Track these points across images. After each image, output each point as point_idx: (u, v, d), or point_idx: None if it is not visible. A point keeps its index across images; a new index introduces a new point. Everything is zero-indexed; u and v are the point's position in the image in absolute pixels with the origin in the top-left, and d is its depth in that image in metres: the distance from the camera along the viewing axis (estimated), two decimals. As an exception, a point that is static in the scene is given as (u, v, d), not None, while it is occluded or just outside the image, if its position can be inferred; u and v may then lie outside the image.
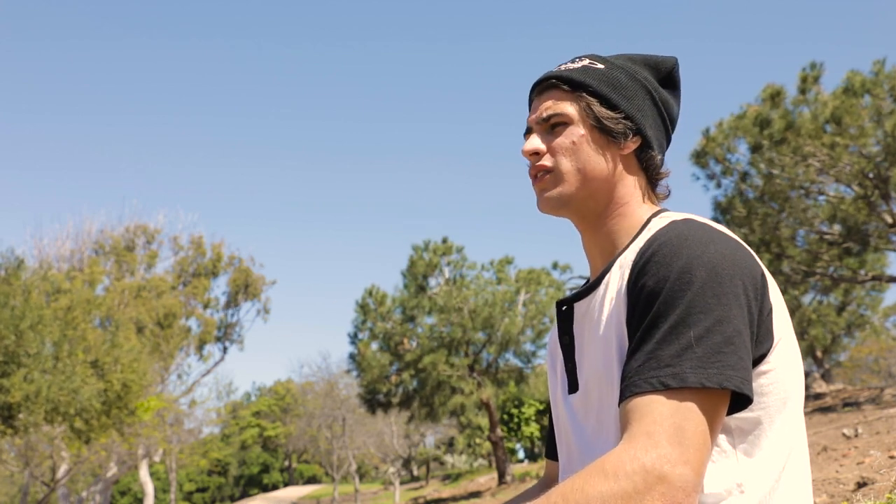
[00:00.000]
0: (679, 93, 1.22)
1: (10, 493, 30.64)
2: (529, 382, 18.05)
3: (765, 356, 0.99)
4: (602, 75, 1.14)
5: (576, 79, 1.14)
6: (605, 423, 1.06)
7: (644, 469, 0.86)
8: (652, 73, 1.18)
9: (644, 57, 1.19)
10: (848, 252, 12.89)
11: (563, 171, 1.13)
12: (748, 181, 12.41)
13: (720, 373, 0.90)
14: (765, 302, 0.99)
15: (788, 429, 1.01)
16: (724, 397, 0.93)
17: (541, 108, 1.16)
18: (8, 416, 10.52)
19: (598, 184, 1.13)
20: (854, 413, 10.50)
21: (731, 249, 0.98)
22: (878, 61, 10.86)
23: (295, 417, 42.69)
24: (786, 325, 1.03)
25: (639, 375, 0.93)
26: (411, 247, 18.20)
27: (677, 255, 0.96)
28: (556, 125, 1.15)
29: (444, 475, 32.44)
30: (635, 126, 1.13)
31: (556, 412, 1.22)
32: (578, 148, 1.12)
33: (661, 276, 0.96)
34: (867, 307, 20.87)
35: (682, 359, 0.91)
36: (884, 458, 5.13)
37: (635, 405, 0.92)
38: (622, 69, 1.16)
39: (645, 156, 1.15)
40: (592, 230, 1.16)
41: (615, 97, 1.13)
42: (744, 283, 0.96)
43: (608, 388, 1.04)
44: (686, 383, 0.90)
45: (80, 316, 11.81)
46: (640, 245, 1.04)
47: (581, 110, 1.13)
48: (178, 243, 25.95)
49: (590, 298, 1.12)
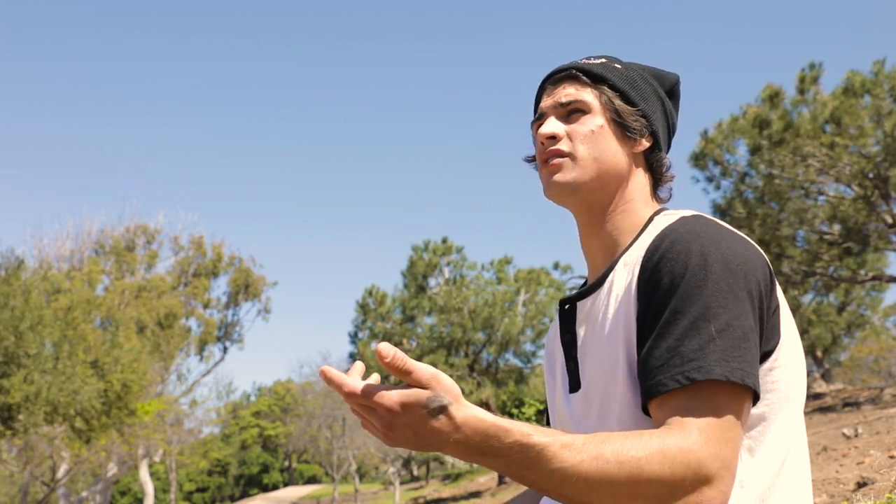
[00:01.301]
0: (678, 107, 1.25)
1: (10, 493, 30.63)
2: (529, 382, 18.05)
3: (771, 353, 0.99)
4: (621, 73, 1.16)
5: (597, 72, 1.15)
6: (606, 421, 1.05)
7: (699, 464, 0.87)
8: (658, 83, 1.21)
9: (651, 69, 1.22)
10: (848, 252, 12.89)
11: (580, 156, 1.12)
12: (747, 182, 12.40)
13: (741, 368, 0.91)
14: (773, 299, 1.01)
15: (790, 426, 1.02)
16: (747, 395, 0.94)
17: (560, 93, 1.16)
18: (8, 417, 10.52)
19: (610, 176, 1.13)
20: (854, 413, 10.50)
21: (742, 246, 1.00)
22: (878, 61, 10.86)
23: (295, 417, 42.67)
24: (790, 323, 1.04)
25: (664, 373, 0.93)
26: (411, 247, 18.24)
27: (691, 251, 0.97)
28: (573, 111, 1.14)
29: (444, 475, 32.44)
30: (650, 126, 1.15)
31: (556, 413, 1.21)
32: (597, 137, 1.12)
33: (677, 273, 0.96)
34: (867, 307, 20.86)
35: (705, 352, 0.92)
36: (884, 458, 5.13)
37: (670, 402, 0.92)
38: (636, 72, 1.18)
39: (654, 157, 1.17)
40: (595, 226, 1.15)
41: (634, 94, 1.15)
42: (756, 279, 0.97)
43: (612, 386, 1.04)
44: (712, 376, 0.90)
45: (80, 316, 11.81)
46: (649, 242, 1.04)
47: (602, 102, 1.14)
48: (178, 243, 25.95)
49: (593, 297, 1.11)
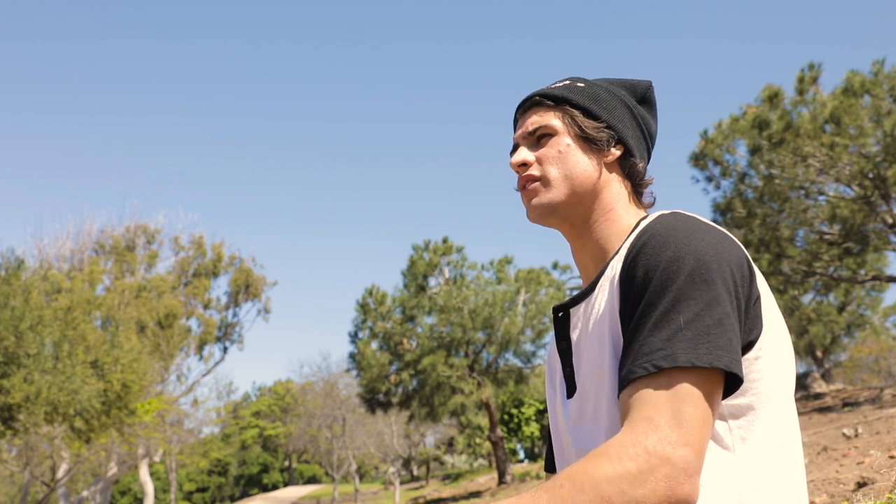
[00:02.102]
0: (655, 112, 1.29)
1: (10, 493, 30.64)
2: (529, 382, 18.04)
3: (754, 343, 1.01)
4: (582, 91, 1.21)
5: (558, 94, 1.21)
6: (600, 421, 1.07)
7: (646, 452, 0.88)
8: (629, 93, 1.25)
9: (620, 80, 1.27)
10: (848, 252, 12.90)
11: (551, 178, 1.18)
12: (747, 182, 12.40)
13: (710, 352, 0.93)
14: (752, 289, 1.02)
15: (780, 416, 1.03)
16: (717, 378, 0.95)
17: (527, 123, 1.23)
18: (8, 417, 10.52)
19: (584, 189, 1.17)
20: (854, 413, 10.50)
21: (717, 239, 1.02)
22: (878, 61, 10.87)
23: (295, 417, 42.69)
24: (774, 314, 1.05)
25: (634, 363, 0.95)
26: (411, 247, 18.23)
27: (665, 245, 1.00)
28: (541, 137, 1.20)
29: (444, 475, 32.46)
30: (617, 135, 1.19)
31: (555, 421, 1.22)
32: (565, 156, 1.18)
33: (650, 267, 0.99)
34: (867, 307, 20.89)
35: (672, 342, 0.94)
36: (884, 458, 5.13)
37: (632, 392, 0.95)
38: (600, 87, 1.23)
39: (627, 163, 1.21)
40: (582, 237, 1.20)
41: (596, 108, 1.20)
42: (731, 269, 0.99)
43: (602, 385, 1.06)
44: (677, 363, 0.92)
45: (80, 316, 11.81)
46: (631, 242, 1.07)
47: (565, 122, 1.19)
48: (178, 243, 25.96)
49: (585, 303, 1.14)
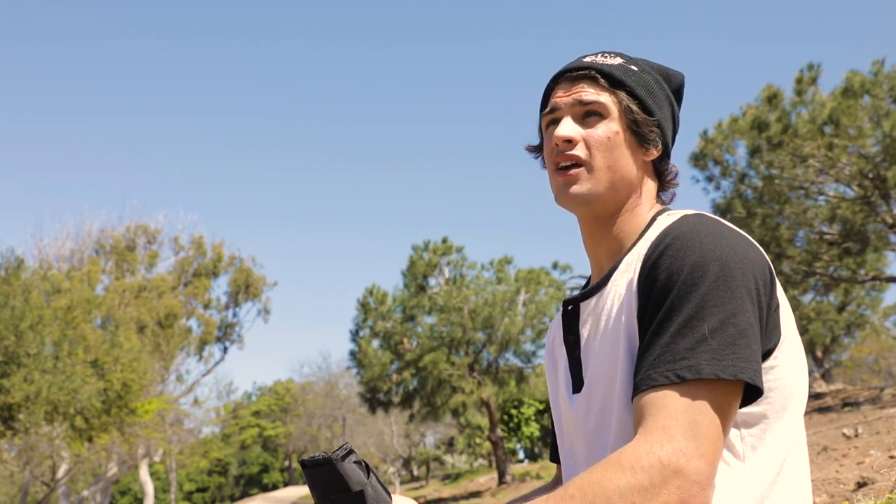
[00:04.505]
0: (680, 107, 1.22)
1: (10, 493, 30.63)
2: (529, 382, 18.04)
3: (772, 351, 0.99)
4: (638, 78, 1.12)
5: (616, 76, 1.11)
6: (607, 420, 1.05)
7: (660, 463, 0.87)
8: (666, 84, 1.18)
9: (659, 67, 1.18)
10: (848, 252, 12.89)
11: (596, 166, 1.09)
12: (747, 182, 12.41)
13: (734, 364, 0.91)
14: (773, 297, 1.00)
15: (791, 425, 1.02)
16: (737, 390, 0.93)
17: (580, 92, 1.11)
18: (8, 416, 10.52)
19: (622, 184, 1.11)
20: (854, 413, 10.50)
21: (742, 245, 0.99)
22: (877, 61, 10.85)
23: (295, 417, 42.69)
24: (790, 322, 1.04)
25: (654, 369, 0.93)
26: (411, 247, 18.21)
27: (690, 249, 0.97)
28: (590, 114, 1.10)
29: (444, 475, 32.43)
30: (663, 136, 1.13)
31: (558, 413, 1.21)
32: (613, 145, 1.09)
33: (673, 270, 0.96)
34: (867, 307, 20.85)
35: (696, 351, 0.92)
36: (884, 458, 5.13)
37: (651, 399, 0.92)
38: (651, 76, 1.15)
39: (662, 165, 1.16)
40: (602, 230, 1.14)
41: (651, 103, 1.12)
42: (755, 277, 0.97)
43: (613, 384, 1.04)
44: (702, 375, 0.90)
45: (80, 316, 11.81)
46: (651, 240, 1.04)
47: (620, 108, 1.10)
48: (178, 243, 25.93)
49: (597, 297, 1.11)
